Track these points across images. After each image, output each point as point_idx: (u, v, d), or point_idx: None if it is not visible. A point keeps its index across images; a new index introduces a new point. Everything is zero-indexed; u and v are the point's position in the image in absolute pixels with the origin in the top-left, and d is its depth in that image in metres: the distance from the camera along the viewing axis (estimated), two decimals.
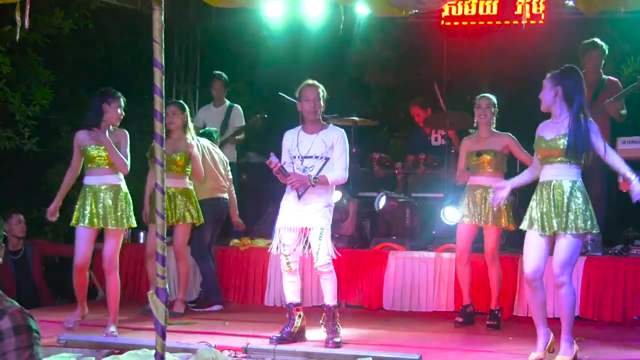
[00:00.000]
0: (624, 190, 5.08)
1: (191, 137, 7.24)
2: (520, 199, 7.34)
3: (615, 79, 7.91)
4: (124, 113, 6.27)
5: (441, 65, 9.73)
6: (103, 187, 6.16)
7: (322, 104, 5.94)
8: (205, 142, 7.65)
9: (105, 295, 6.76)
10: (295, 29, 8.68)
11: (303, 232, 5.89)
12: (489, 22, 8.80)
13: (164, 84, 4.28)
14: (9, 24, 6.97)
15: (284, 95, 8.08)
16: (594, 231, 5.25)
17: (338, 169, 5.88)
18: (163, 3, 4.24)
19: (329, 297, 5.91)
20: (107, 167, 6.17)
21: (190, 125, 7.34)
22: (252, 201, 9.46)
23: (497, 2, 8.30)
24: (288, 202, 5.97)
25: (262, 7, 7.87)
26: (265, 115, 8.91)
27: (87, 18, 8.52)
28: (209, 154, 7.60)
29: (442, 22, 8.93)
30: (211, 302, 7.60)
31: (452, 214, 7.34)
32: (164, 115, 4.22)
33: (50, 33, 8.22)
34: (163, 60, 4.22)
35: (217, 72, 9.12)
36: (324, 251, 5.84)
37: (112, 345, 5.63)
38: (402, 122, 10.09)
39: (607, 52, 7.86)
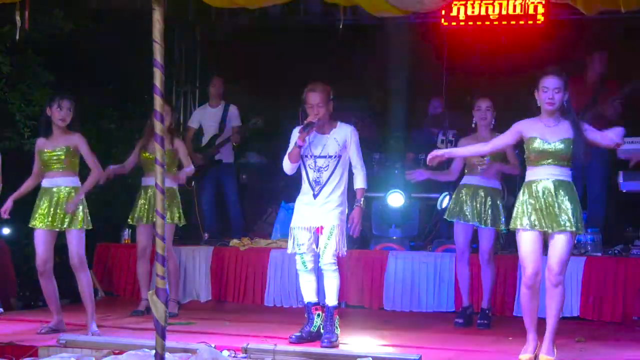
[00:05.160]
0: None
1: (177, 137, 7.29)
2: None
3: (615, 81, 7.90)
4: (66, 115, 6.16)
5: (441, 65, 9.72)
6: (57, 190, 6.17)
7: (328, 106, 5.90)
8: None
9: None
10: (294, 28, 8.68)
11: (318, 230, 5.90)
12: (487, 23, 8.81)
13: (164, 84, 4.28)
14: (9, 24, 6.96)
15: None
16: (581, 232, 5.27)
17: (361, 170, 5.97)
18: (163, 3, 4.24)
19: (331, 298, 5.91)
20: (62, 169, 6.19)
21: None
22: (251, 201, 9.46)
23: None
24: (302, 201, 6.00)
25: (262, 7, 7.87)
26: (263, 118, 8.89)
27: (87, 18, 8.52)
28: None
29: (443, 21, 8.93)
30: None
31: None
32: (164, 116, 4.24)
33: (50, 33, 8.22)
34: (163, 60, 4.22)
35: (217, 72, 9.11)
36: (330, 250, 5.85)
37: (112, 346, 5.62)
38: (402, 122, 10.07)
39: (608, 53, 7.86)
